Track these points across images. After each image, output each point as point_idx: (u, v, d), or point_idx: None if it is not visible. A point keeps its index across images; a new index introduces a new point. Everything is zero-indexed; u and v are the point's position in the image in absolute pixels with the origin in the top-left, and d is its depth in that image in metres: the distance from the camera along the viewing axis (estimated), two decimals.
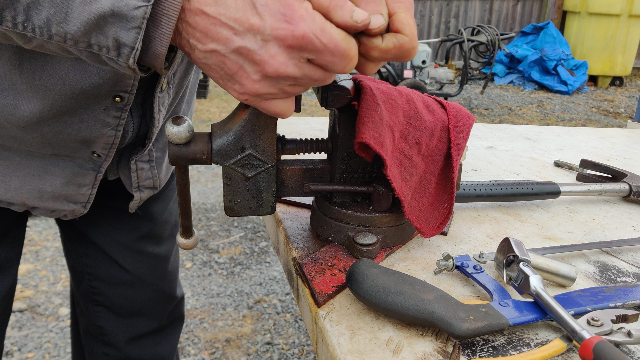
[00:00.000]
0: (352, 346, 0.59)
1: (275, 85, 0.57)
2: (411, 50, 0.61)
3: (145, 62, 0.59)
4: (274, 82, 0.57)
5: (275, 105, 0.61)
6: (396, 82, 6.05)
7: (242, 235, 3.40)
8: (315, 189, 0.76)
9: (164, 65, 0.60)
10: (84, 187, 0.93)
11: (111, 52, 0.57)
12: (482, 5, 8.96)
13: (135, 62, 0.57)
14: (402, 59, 0.62)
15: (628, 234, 0.90)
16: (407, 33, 0.60)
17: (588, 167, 1.12)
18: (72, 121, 0.83)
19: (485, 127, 1.53)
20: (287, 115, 0.63)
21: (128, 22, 0.55)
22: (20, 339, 2.42)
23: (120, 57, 0.57)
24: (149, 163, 0.99)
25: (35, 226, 3.36)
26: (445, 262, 0.71)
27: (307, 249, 0.77)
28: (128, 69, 0.59)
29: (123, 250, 1.16)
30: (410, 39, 0.60)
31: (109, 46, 0.57)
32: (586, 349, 0.54)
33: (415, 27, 0.61)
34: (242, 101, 0.61)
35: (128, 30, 0.55)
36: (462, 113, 0.80)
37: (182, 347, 2.42)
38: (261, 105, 0.61)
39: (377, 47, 0.59)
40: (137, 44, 0.56)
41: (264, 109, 0.62)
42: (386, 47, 0.59)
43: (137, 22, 0.55)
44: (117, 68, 0.60)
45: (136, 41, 0.56)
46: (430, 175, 0.78)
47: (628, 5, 7.91)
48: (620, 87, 8.41)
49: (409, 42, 0.60)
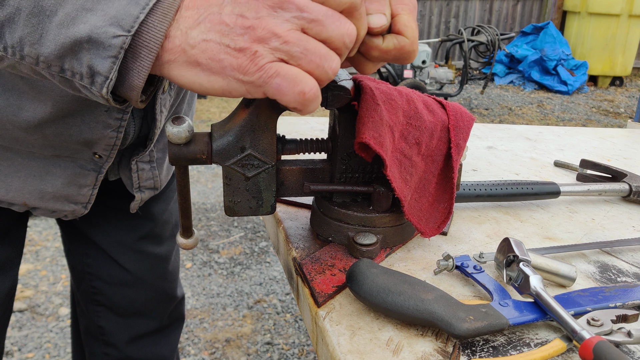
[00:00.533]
0: (352, 346, 0.59)
1: (286, 19, 0.51)
2: (411, 53, 0.61)
3: (121, 92, 0.56)
4: (282, 14, 0.50)
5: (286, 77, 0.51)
6: (396, 82, 6.05)
7: (242, 235, 3.40)
8: (315, 189, 0.76)
9: (140, 98, 0.58)
10: (85, 187, 0.93)
11: (84, 79, 0.55)
12: (482, 5, 8.96)
13: (108, 92, 0.54)
14: (401, 60, 0.62)
15: (628, 234, 0.90)
16: (408, 35, 0.60)
17: (588, 167, 1.12)
18: (74, 123, 0.83)
19: (485, 127, 1.53)
20: (311, 94, 0.52)
21: (105, 50, 0.52)
22: (20, 339, 2.42)
23: (93, 85, 0.54)
24: (150, 163, 0.99)
25: (35, 226, 3.36)
26: (445, 262, 0.71)
27: (307, 249, 0.77)
28: (102, 98, 0.56)
29: (124, 250, 1.16)
30: (411, 41, 0.60)
31: (82, 73, 0.54)
32: (586, 349, 0.54)
33: (416, 30, 0.61)
34: (256, 80, 0.52)
35: (104, 59, 0.53)
36: (462, 113, 0.80)
37: (182, 347, 2.42)
38: (269, 82, 0.52)
39: (377, 47, 0.59)
40: (112, 73, 0.53)
41: (274, 88, 0.52)
42: (386, 47, 0.59)
43: (114, 51, 0.52)
44: (90, 96, 0.57)
45: (111, 71, 0.53)
46: (430, 175, 0.78)
47: (628, 5, 7.91)
48: (620, 87, 8.41)
49: (410, 45, 0.60)
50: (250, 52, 0.50)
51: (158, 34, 0.52)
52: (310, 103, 0.52)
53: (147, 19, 0.52)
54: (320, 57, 0.51)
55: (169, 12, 0.53)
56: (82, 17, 0.52)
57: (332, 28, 0.51)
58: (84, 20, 0.52)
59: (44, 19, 0.53)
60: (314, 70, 0.51)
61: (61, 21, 0.53)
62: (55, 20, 0.53)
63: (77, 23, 0.52)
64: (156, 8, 0.52)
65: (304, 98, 0.51)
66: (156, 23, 0.52)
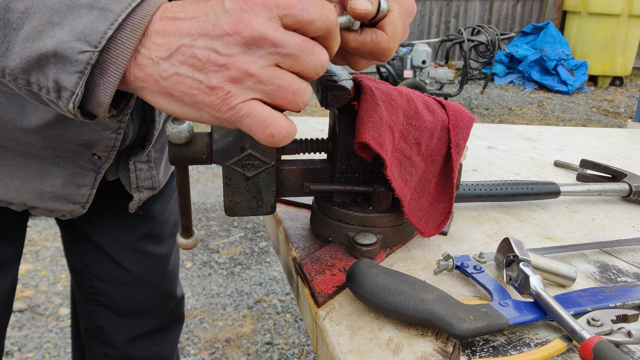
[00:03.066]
0: (352, 346, 0.59)
1: (261, 56, 0.50)
2: (387, 51, 0.60)
3: (89, 108, 0.56)
4: (257, 51, 0.50)
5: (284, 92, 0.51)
6: (396, 82, 6.05)
7: (242, 235, 3.40)
8: (315, 189, 0.76)
9: (111, 113, 0.57)
10: (83, 187, 0.93)
11: (51, 93, 0.54)
12: (482, 5, 8.96)
13: (75, 107, 0.54)
14: (377, 57, 0.61)
15: (628, 234, 0.90)
16: (388, 32, 0.59)
17: (588, 167, 1.12)
18: (74, 125, 0.83)
19: (485, 127, 1.53)
20: (303, 98, 0.53)
21: (71, 65, 0.51)
22: (20, 339, 2.42)
23: (60, 100, 0.54)
24: (148, 163, 0.99)
25: (35, 226, 3.36)
26: (445, 262, 0.71)
27: (307, 249, 0.77)
28: (69, 113, 0.55)
29: (123, 250, 1.16)
30: (389, 38, 0.59)
31: (49, 87, 0.54)
32: (586, 349, 0.54)
33: (400, 31, 0.60)
34: (228, 118, 0.52)
35: (70, 74, 0.52)
36: (462, 113, 0.80)
37: (182, 347, 2.42)
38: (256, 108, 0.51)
39: (354, 37, 0.59)
40: (78, 89, 0.52)
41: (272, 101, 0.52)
42: (363, 39, 0.59)
43: (80, 66, 0.51)
44: (58, 110, 0.57)
45: (77, 86, 0.52)
46: (430, 175, 0.78)
47: (628, 5, 7.91)
48: (620, 87, 8.41)
49: (387, 42, 0.59)
50: (223, 92, 0.50)
51: (126, 51, 0.51)
52: (279, 143, 0.52)
53: (115, 35, 0.51)
54: (293, 93, 0.51)
55: (138, 29, 0.52)
56: (48, 31, 0.52)
57: (307, 61, 0.51)
58: (51, 35, 0.52)
59: (10, 32, 0.53)
60: (287, 105, 0.52)
61: (27, 35, 0.52)
62: (22, 34, 0.52)
63: (44, 37, 0.52)
64: (125, 24, 0.51)
65: (273, 140, 0.52)
66: (124, 40, 0.51)
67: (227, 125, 0.53)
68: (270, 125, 0.51)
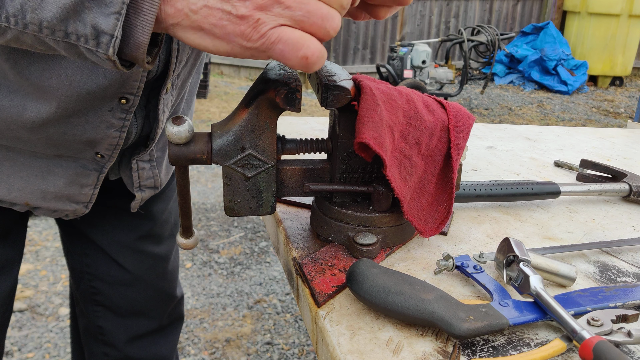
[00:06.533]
0: (352, 346, 0.59)
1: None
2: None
3: (127, 53, 0.56)
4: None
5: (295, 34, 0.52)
6: (396, 82, 6.05)
7: (242, 235, 3.40)
8: (315, 189, 0.76)
9: (147, 59, 0.57)
10: (86, 187, 0.93)
11: (89, 41, 0.54)
12: (482, 5, 8.96)
13: (115, 52, 0.54)
14: (400, 0, 0.63)
15: (628, 234, 0.90)
16: None
17: (588, 167, 1.12)
18: (78, 122, 0.83)
19: (485, 127, 1.53)
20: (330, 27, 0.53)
21: (107, 7, 0.52)
22: (20, 339, 2.42)
23: (99, 47, 0.54)
24: (150, 162, 0.99)
25: (35, 226, 3.36)
26: (445, 262, 0.71)
27: (307, 249, 0.77)
28: (108, 61, 0.55)
29: (123, 250, 1.16)
30: None
31: (87, 35, 0.54)
32: (586, 349, 0.54)
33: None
34: (259, 46, 0.52)
35: (107, 16, 0.52)
36: (462, 113, 0.80)
37: (182, 347, 2.42)
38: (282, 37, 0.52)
39: None
40: (117, 31, 0.52)
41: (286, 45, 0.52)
42: None
43: (117, 6, 0.52)
44: (97, 61, 0.57)
45: (115, 27, 0.52)
46: (429, 175, 0.78)
47: (628, 5, 7.92)
48: (620, 87, 8.41)
49: None
50: (253, 20, 0.51)
51: None
52: (313, 65, 0.53)
53: None
54: (322, 18, 0.52)
55: None
56: None
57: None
58: None
59: None
60: (317, 32, 0.52)
61: None
62: None
63: None
64: None
65: (307, 62, 0.52)
66: None
67: (259, 57, 0.53)
68: (303, 47, 0.51)
